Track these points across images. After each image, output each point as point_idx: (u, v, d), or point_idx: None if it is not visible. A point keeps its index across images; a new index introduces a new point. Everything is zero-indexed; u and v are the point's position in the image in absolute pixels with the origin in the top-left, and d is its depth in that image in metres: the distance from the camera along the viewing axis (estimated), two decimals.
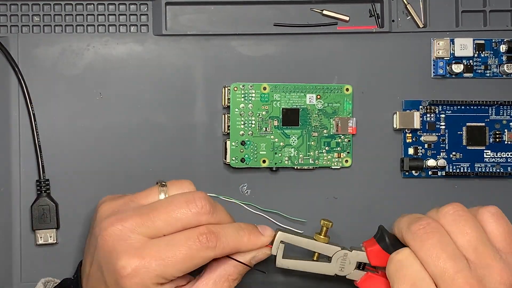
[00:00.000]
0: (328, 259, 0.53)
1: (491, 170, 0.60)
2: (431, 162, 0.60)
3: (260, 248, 0.51)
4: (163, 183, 0.52)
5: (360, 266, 0.52)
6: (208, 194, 0.56)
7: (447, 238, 0.47)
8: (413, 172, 0.60)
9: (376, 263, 0.52)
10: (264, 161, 0.59)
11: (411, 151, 0.60)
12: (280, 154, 0.59)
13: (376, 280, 0.52)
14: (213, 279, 0.50)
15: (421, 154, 0.60)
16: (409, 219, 0.49)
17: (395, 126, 0.60)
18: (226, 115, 0.58)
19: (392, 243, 0.50)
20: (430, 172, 0.60)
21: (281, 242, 0.52)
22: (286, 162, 0.59)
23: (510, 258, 0.46)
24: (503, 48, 0.60)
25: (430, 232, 0.47)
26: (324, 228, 0.53)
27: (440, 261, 0.45)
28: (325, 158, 0.59)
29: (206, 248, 0.48)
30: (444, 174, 0.60)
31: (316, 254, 0.53)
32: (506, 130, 0.60)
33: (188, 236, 0.48)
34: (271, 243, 0.52)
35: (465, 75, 0.60)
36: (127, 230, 0.48)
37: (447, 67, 0.60)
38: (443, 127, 0.60)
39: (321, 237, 0.53)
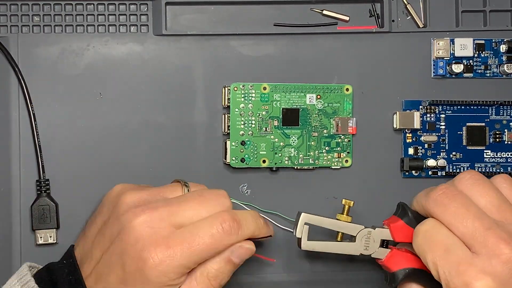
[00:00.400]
0: (352, 238, 0.53)
1: (491, 170, 0.60)
2: (431, 162, 0.60)
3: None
4: (185, 182, 0.53)
5: (384, 244, 0.53)
6: None
7: (469, 200, 0.47)
8: (413, 172, 0.60)
9: (401, 239, 0.52)
10: (264, 161, 0.59)
11: (411, 151, 0.60)
12: (280, 154, 0.59)
13: (402, 256, 0.52)
14: (195, 282, 0.50)
15: (421, 154, 0.60)
16: (425, 191, 0.50)
17: (395, 126, 0.60)
18: (226, 115, 0.58)
19: (415, 216, 0.51)
20: (430, 172, 0.60)
21: (305, 224, 0.52)
22: (286, 162, 0.59)
23: None
24: (503, 48, 0.60)
25: (451, 196, 0.47)
26: (347, 206, 0.53)
27: (468, 221, 0.46)
28: (325, 158, 0.59)
29: (229, 235, 0.49)
30: (444, 174, 0.60)
31: (339, 235, 0.53)
32: (506, 130, 0.60)
33: (211, 224, 0.49)
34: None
35: (465, 75, 0.60)
36: (156, 219, 0.49)
37: (447, 67, 0.60)
38: (443, 127, 0.60)
39: (344, 216, 0.53)
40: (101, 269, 0.50)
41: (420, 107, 0.60)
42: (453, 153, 0.60)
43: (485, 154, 0.60)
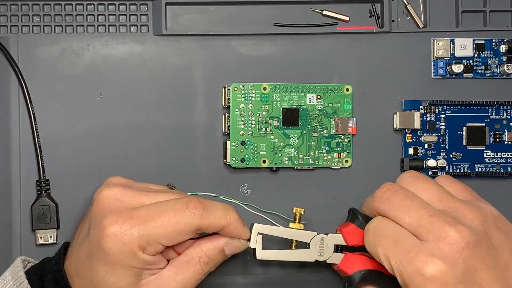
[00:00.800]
0: (306, 245, 0.54)
1: (491, 170, 0.60)
2: (431, 162, 0.60)
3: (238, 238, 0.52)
4: (173, 186, 0.54)
5: (338, 249, 0.53)
6: (208, 194, 0.57)
7: (412, 193, 0.49)
8: None
9: (353, 242, 0.53)
10: (264, 161, 0.59)
11: (411, 151, 0.60)
12: (280, 154, 0.59)
13: (356, 258, 0.53)
14: (185, 260, 0.51)
15: (421, 154, 0.60)
16: (371, 194, 0.51)
17: (395, 126, 0.60)
18: (226, 115, 0.58)
19: (365, 219, 0.52)
20: (430, 172, 0.60)
21: (259, 233, 0.52)
22: (286, 162, 0.59)
23: (474, 203, 0.49)
24: (503, 48, 0.60)
25: (394, 191, 0.49)
26: (298, 214, 0.54)
27: (412, 211, 0.47)
28: (325, 158, 0.59)
29: (192, 214, 0.49)
30: (444, 174, 0.60)
31: (294, 243, 0.54)
32: (506, 130, 0.60)
33: (177, 201, 0.49)
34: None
35: (465, 75, 0.60)
36: (127, 195, 0.50)
37: (447, 67, 0.60)
38: (443, 127, 0.60)
39: (296, 224, 0.54)
40: (76, 247, 0.51)
41: (420, 107, 0.60)
42: (453, 153, 0.60)
43: (485, 154, 0.60)
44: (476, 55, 0.60)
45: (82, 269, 0.50)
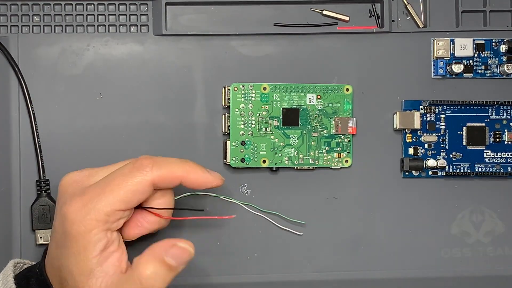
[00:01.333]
0: None
1: (491, 170, 0.60)
2: (431, 162, 0.60)
3: None
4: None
5: None
6: (208, 194, 0.57)
7: None
8: (413, 172, 0.60)
9: None
10: (264, 161, 0.59)
11: (411, 151, 0.60)
12: (280, 154, 0.59)
13: None
14: (153, 256, 0.48)
15: (421, 154, 0.60)
16: None
17: (395, 126, 0.60)
18: (226, 115, 0.58)
19: None
20: (430, 172, 0.60)
21: None
22: (286, 162, 0.59)
23: None
24: (503, 48, 0.60)
25: None
26: None
27: None
28: (325, 158, 0.59)
29: (140, 169, 0.48)
30: (444, 174, 0.60)
31: None
32: (506, 130, 0.60)
33: (125, 166, 0.48)
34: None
35: (465, 75, 0.60)
36: (82, 175, 0.50)
37: (447, 67, 0.60)
38: (443, 127, 0.60)
39: None
40: (49, 242, 0.51)
41: (420, 107, 0.60)
42: (453, 153, 0.60)
43: (485, 154, 0.60)
44: (476, 55, 0.60)
45: (54, 262, 0.49)
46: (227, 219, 0.58)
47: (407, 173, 0.60)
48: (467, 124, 0.60)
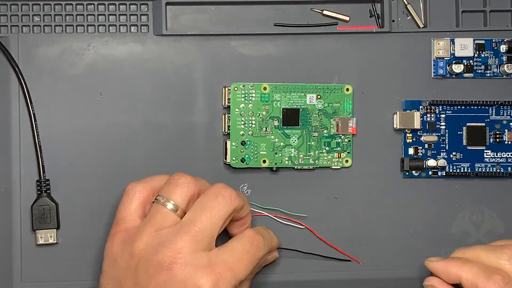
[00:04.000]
0: None
1: (491, 170, 0.60)
2: (431, 162, 0.60)
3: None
4: (157, 197, 0.52)
5: None
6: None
7: None
8: (413, 172, 0.60)
9: None
10: (264, 161, 0.59)
11: (411, 151, 0.60)
12: (280, 154, 0.59)
13: None
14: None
15: (421, 154, 0.60)
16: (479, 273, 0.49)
17: (395, 126, 0.60)
18: (226, 115, 0.59)
19: None
20: (430, 172, 0.60)
21: None
22: (286, 162, 0.59)
23: None
24: (503, 48, 0.60)
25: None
26: None
27: None
28: (325, 158, 0.59)
29: (258, 249, 0.52)
30: (444, 174, 0.60)
31: None
32: (506, 130, 0.60)
33: (243, 242, 0.51)
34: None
35: (465, 75, 0.60)
36: (186, 254, 0.49)
37: (447, 67, 0.60)
38: (443, 127, 0.60)
39: None
40: None
41: (420, 107, 0.60)
42: (453, 153, 0.60)
43: (485, 154, 0.60)
44: (476, 55, 0.60)
45: None
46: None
47: (407, 173, 0.60)
48: (467, 124, 0.60)
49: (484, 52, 0.60)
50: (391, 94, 0.60)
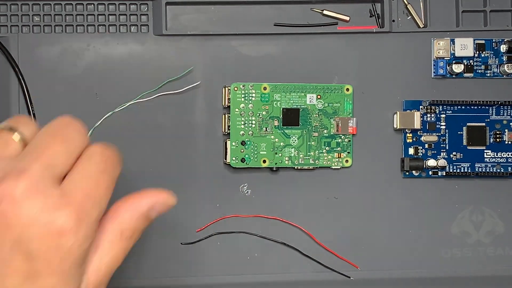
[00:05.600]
0: None
1: (491, 170, 0.60)
2: (431, 162, 0.60)
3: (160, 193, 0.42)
4: (9, 126, 0.41)
5: None
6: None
7: None
8: (414, 172, 0.60)
9: None
10: (264, 161, 0.59)
11: (411, 151, 0.60)
12: (280, 154, 0.59)
13: None
14: (107, 240, 0.40)
15: (421, 154, 0.60)
16: None
17: (395, 126, 0.60)
18: (226, 115, 0.58)
19: None
20: (430, 172, 0.60)
21: None
22: (286, 162, 0.59)
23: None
24: (503, 48, 0.60)
25: None
26: None
27: None
28: (325, 158, 0.59)
29: (114, 166, 0.41)
30: (444, 174, 0.60)
31: None
32: (506, 130, 0.60)
33: (95, 161, 0.40)
34: None
35: (466, 75, 0.60)
36: (35, 182, 0.36)
37: (448, 67, 0.60)
38: (444, 127, 0.60)
39: None
40: None
41: (421, 107, 0.60)
42: (454, 153, 0.60)
43: (485, 154, 0.60)
44: (476, 55, 0.60)
45: None
46: None
47: (407, 173, 0.60)
48: (467, 124, 0.60)
49: (484, 52, 0.60)
50: (391, 94, 0.60)
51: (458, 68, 0.60)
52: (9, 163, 0.38)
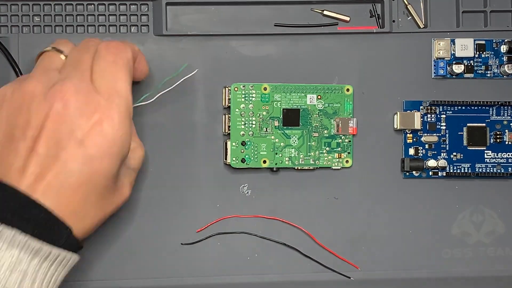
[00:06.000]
0: None
1: (491, 170, 0.60)
2: (431, 163, 0.60)
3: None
4: (54, 47, 0.53)
5: None
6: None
7: None
8: (414, 172, 0.60)
9: None
10: (264, 162, 0.59)
11: (411, 151, 0.60)
12: (280, 155, 0.59)
13: None
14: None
15: (421, 154, 0.60)
16: None
17: (395, 126, 0.60)
18: (226, 115, 0.58)
19: None
20: (430, 173, 0.60)
21: None
22: (286, 162, 0.59)
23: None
24: (503, 48, 0.60)
25: None
26: None
27: None
28: (325, 158, 0.59)
29: (124, 52, 0.50)
30: (444, 174, 0.60)
31: None
32: (506, 131, 0.60)
33: (103, 55, 0.50)
34: None
35: (466, 75, 0.60)
36: (76, 84, 0.48)
37: (448, 68, 0.60)
38: (444, 127, 0.60)
39: None
40: (43, 159, 0.46)
41: (421, 107, 0.60)
42: (454, 153, 0.60)
43: (485, 154, 0.60)
44: (476, 56, 0.60)
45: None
46: None
47: (407, 174, 0.60)
48: (467, 124, 0.60)
49: (484, 53, 0.60)
50: (391, 94, 0.60)
51: (458, 68, 0.60)
52: (57, 74, 0.49)
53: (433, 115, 0.60)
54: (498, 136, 0.60)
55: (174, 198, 0.59)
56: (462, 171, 0.60)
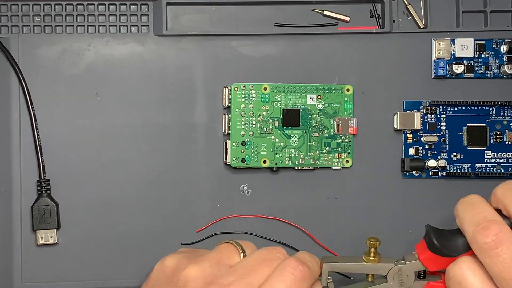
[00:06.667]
0: (384, 277, 0.49)
1: (491, 170, 0.60)
2: (431, 163, 0.60)
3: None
4: (237, 242, 0.48)
5: (420, 275, 0.48)
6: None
7: None
8: (414, 172, 0.60)
9: (435, 268, 0.47)
10: (264, 162, 0.59)
11: (411, 151, 0.60)
12: (280, 155, 0.59)
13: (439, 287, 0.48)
14: None
15: (421, 154, 0.60)
16: (474, 221, 0.45)
17: (395, 126, 0.60)
18: (226, 115, 0.59)
19: (443, 244, 0.46)
20: (430, 173, 0.60)
21: (329, 272, 0.47)
22: (286, 162, 0.59)
23: None
24: (503, 48, 0.60)
25: (500, 247, 0.42)
26: (372, 249, 0.48)
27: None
28: (325, 158, 0.59)
29: (303, 280, 0.44)
30: (444, 174, 0.60)
31: (370, 276, 0.49)
32: (506, 131, 0.60)
33: (284, 278, 0.44)
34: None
35: (466, 75, 0.60)
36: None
37: (448, 68, 0.60)
38: (444, 127, 0.60)
39: (371, 258, 0.48)
40: None
41: (421, 107, 0.60)
42: (454, 153, 0.60)
43: (485, 154, 0.60)
44: (476, 56, 0.60)
45: None
46: None
47: (407, 174, 0.60)
48: (467, 124, 0.60)
49: (484, 53, 0.60)
50: (391, 94, 0.60)
51: (458, 68, 0.60)
52: (224, 273, 0.45)
53: (433, 115, 0.60)
54: (498, 136, 0.60)
55: (174, 198, 0.59)
56: (462, 171, 0.60)
